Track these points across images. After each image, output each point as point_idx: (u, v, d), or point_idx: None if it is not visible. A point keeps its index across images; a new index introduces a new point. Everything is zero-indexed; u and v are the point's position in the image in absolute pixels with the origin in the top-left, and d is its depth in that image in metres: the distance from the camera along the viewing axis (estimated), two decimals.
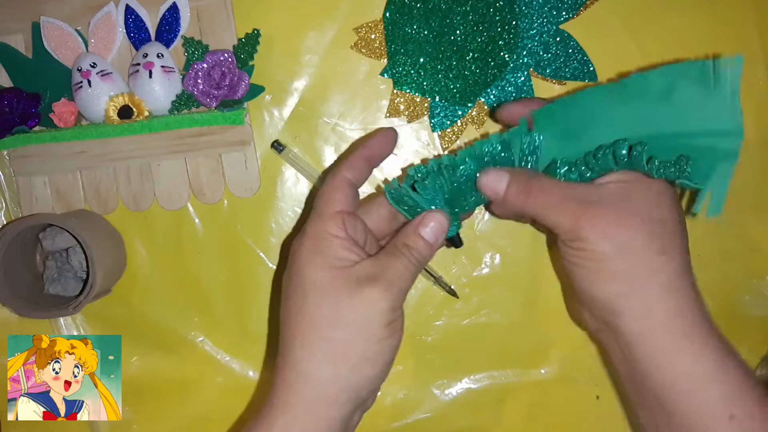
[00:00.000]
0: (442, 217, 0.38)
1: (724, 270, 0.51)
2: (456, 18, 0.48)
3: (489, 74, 0.49)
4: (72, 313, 0.48)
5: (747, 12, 0.50)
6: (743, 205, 0.51)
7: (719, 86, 0.33)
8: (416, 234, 0.38)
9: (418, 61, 0.49)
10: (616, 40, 0.50)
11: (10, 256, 0.50)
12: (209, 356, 0.53)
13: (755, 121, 0.50)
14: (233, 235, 0.52)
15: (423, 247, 0.38)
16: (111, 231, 0.52)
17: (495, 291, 0.52)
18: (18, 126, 0.50)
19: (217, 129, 0.50)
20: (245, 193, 0.51)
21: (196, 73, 0.48)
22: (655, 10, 0.50)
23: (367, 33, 0.50)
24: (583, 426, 0.52)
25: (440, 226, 0.38)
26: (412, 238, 0.38)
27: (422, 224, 0.38)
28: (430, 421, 0.53)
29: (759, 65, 0.50)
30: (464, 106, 0.50)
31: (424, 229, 0.38)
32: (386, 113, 0.51)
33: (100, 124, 0.50)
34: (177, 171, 0.51)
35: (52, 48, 0.50)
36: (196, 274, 0.53)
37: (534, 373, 0.52)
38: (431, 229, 0.38)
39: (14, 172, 0.52)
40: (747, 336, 0.51)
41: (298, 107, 0.51)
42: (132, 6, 0.50)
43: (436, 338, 0.53)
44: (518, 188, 0.38)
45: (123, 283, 0.53)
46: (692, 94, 0.34)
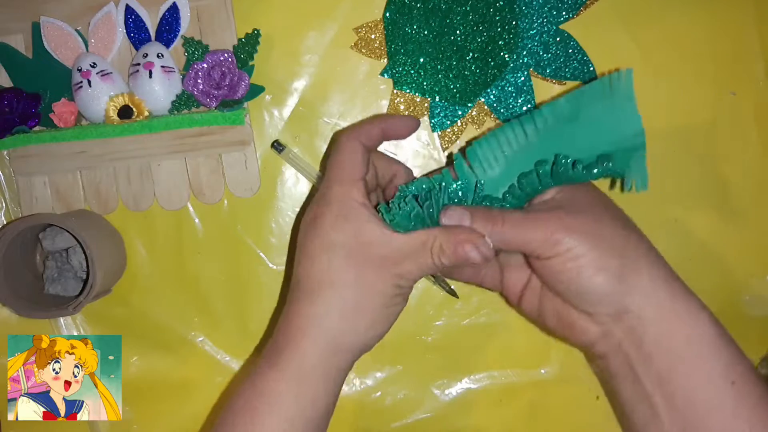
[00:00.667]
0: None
1: (724, 270, 0.51)
2: (456, 18, 0.48)
3: (489, 74, 0.49)
4: (72, 313, 0.48)
5: (747, 11, 0.50)
6: (743, 205, 0.51)
7: (616, 97, 0.39)
8: (455, 244, 0.37)
9: (418, 61, 0.49)
10: (616, 39, 0.50)
11: (10, 256, 0.50)
12: (209, 356, 0.53)
13: (755, 121, 0.50)
14: (233, 235, 0.52)
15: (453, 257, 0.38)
16: (111, 231, 0.52)
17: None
18: (18, 126, 0.50)
19: (217, 129, 0.50)
20: (245, 193, 0.51)
21: (196, 73, 0.48)
22: (655, 9, 0.50)
23: (367, 33, 0.50)
24: (582, 426, 0.53)
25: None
26: (450, 247, 0.37)
27: (464, 240, 0.38)
28: (430, 421, 0.53)
29: (759, 64, 0.50)
30: (464, 106, 0.50)
31: (464, 246, 0.37)
32: (386, 113, 0.51)
33: (100, 124, 0.50)
34: (177, 171, 0.51)
35: (52, 48, 0.50)
36: (196, 274, 0.53)
37: (534, 374, 0.52)
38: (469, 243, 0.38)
39: (14, 172, 0.52)
40: (747, 336, 0.51)
41: (298, 107, 0.51)
42: (132, 6, 0.50)
43: (436, 338, 0.53)
44: (483, 221, 0.38)
45: (123, 283, 0.53)
46: (596, 110, 0.39)
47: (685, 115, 0.51)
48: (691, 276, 0.50)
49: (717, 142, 0.51)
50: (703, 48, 0.50)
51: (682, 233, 0.51)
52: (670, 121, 0.51)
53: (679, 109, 0.51)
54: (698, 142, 0.51)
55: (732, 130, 0.51)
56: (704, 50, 0.50)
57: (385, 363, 0.53)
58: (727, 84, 0.50)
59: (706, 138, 0.51)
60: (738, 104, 0.50)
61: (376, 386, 0.53)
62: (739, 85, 0.50)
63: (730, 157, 0.51)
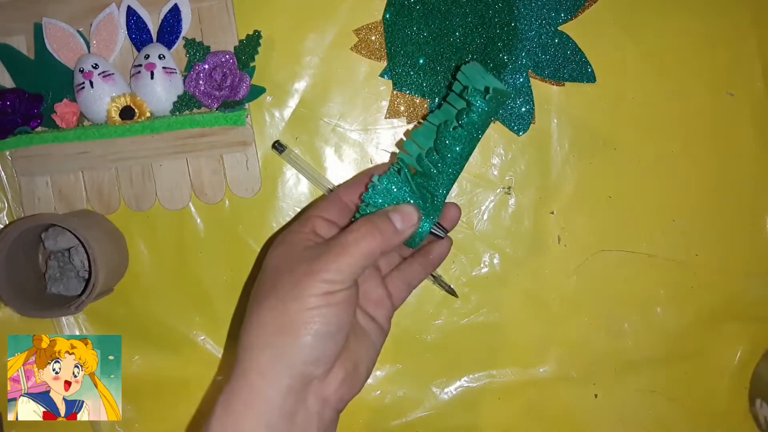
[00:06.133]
0: (411, 208, 0.38)
1: (724, 268, 0.51)
2: (455, 19, 0.49)
3: None
4: (74, 312, 0.48)
5: (744, 13, 0.50)
6: (743, 205, 0.51)
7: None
8: (384, 215, 0.37)
9: (418, 63, 0.49)
10: (614, 41, 0.50)
11: (13, 255, 0.50)
12: (211, 355, 0.53)
13: (753, 122, 0.51)
14: (234, 235, 0.53)
15: (386, 228, 0.37)
16: (113, 231, 0.52)
17: (494, 290, 0.53)
18: (20, 126, 0.50)
19: (218, 130, 0.50)
20: (246, 193, 0.51)
21: (198, 74, 0.49)
22: (652, 12, 0.50)
23: (367, 34, 0.50)
24: (581, 424, 0.53)
25: (409, 215, 0.38)
26: (378, 216, 0.37)
27: (393, 210, 0.38)
28: (429, 420, 0.53)
29: (756, 65, 0.51)
30: None
31: (393, 214, 0.37)
32: (386, 114, 0.51)
33: (102, 125, 0.50)
34: (179, 171, 0.51)
35: (54, 49, 0.50)
36: (197, 274, 0.53)
37: (532, 372, 0.53)
38: (399, 214, 0.38)
39: (17, 172, 0.52)
40: (747, 335, 0.52)
41: (299, 108, 0.52)
42: (134, 7, 0.50)
43: (436, 337, 0.53)
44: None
45: (125, 282, 0.53)
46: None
47: (683, 115, 0.51)
48: (691, 275, 0.51)
49: (715, 143, 0.51)
50: (700, 49, 0.51)
51: (681, 233, 0.52)
52: (668, 122, 0.51)
53: (677, 110, 0.51)
54: (696, 142, 0.51)
55: (730, 130, 0.51)
56: (702, 51, 0.51)
57: (384, 362, 0.53)
58: (725, 85, 0.51)
59: (705, 138, 0.51)
60: (736, 105, 0.51)
61: (376, 385, 0.53)
62: (737, 86, 0.51)
63: (728, 157, 0.51)
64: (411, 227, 0.38)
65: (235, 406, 0.35)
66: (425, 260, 0.44)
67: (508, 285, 0.52)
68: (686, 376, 0.52)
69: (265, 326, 0.35)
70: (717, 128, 0.51)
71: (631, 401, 0.53)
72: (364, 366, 0.38)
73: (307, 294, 0.34)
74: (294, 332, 0.34)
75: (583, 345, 0.52)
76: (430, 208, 0.40)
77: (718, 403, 0.52)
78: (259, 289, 0.37)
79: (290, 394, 0.34)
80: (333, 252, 0.35)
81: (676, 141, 0.51)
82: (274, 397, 0.34)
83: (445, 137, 0.40)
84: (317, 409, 0.36)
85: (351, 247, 0.35)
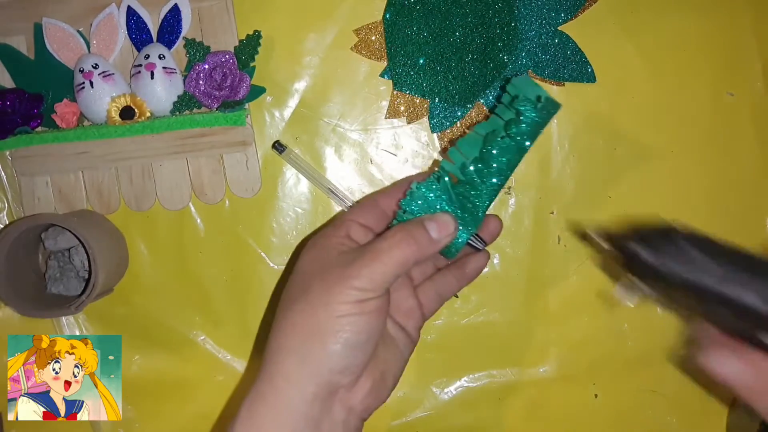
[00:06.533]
0: (448, 217, 0.37)
1: None
2: (455, 20, 0.49)
3: (488, 75, 0.49)
4: (74, 312, 0.48)
5: (744, 13, 0.50)
6: (743, 205, 0.51)
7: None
8: (419, 223, 0.37)
9: (418, 63, 0.50)
10: (615, 41, 0.50)
11: (13, 255, 0.50)
12: (211, 355, 0.53)
13: (753, 121, 0.51)
14: (234, 235, 0.53)
15: (421, 237, 0.36)
16: (113, 231, 0.52)
17: (494, 290, 0.53)
18: (20, 126, 0.50)
19: (218, 130, 0.50)
20: (246, 193, 0.51)
21: (198, 74, 0.49)
22: (653, 12, 0.50)
23: (367, 34, 0.51)
24: (581, 424, 0.53)
25: (445, 224, 0.37)
26: (413, 224, 0.36)
27: (429, 218, 0.37)
28: (429, 420, 0.53)
29: (756, 65, 0.50)
30: (463, 107, 0.50)
31: (429, 223, 0.37)
32: (386, 114, 0.51)
33: (102, 125, 0.50)
34: (178, 171, 0.51)
35: (54, 49, 0.50)
36: (197, 274, 0.53)
37: (533, 372, 0.53)
38: (435, 222, 0.37)
39: (17, 172, 0.52)
40: None
41: (299, 108, 0.52)
42: (134, 7, 0.50)
43: (436, 337, 0.53)
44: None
45: (125, 282, 0.53)
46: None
47: (683, 115, 0.51)
48: None
49: (715, 143, 0.51)
50: (700, 48, 0.51)
51: None
52: (668, 122, 0.51)
53: (677, 110, 0.51)
54: (696, 142, 0.51)
55: (730, 130, 0.51)
56: (702, 51, 0.51)
57: None
58: (725, 85, 0.51)
59: (705, 138, 0.51)
60: (736, 105, 0.51)
61: None
62: (737, 86, 0.51)
63: (728, 157, 0.51)
64: (447, 237, 0.37)
65: (260, 410, 0.34)
66: (460, 273, 0.43)
67: (508, 285, 0.52)
68: (686, 376, 0.52)
69: (293, 330, 0.35)
70: (717, 128, 0.51)
71: (631, 401, 0.53)
72: (392, 375, 0.38)
73: (337, 301, 0.34)
74: (322, 339, 0.34)
75: (583, 345, 0.52)
76: (469, 218, 0.39)
77: (718, 403, 0.52)
78: (289, 292, 0.37)
79: (316, 401, 0.34)
80: (366, 258, 0.34)
81: (676, 141, 0.51)
82: (299, 404, 0.34)
83: (492, 147, 0.39)
84: (343, 418, 0.35)
85: (384, 255, 0.34)
